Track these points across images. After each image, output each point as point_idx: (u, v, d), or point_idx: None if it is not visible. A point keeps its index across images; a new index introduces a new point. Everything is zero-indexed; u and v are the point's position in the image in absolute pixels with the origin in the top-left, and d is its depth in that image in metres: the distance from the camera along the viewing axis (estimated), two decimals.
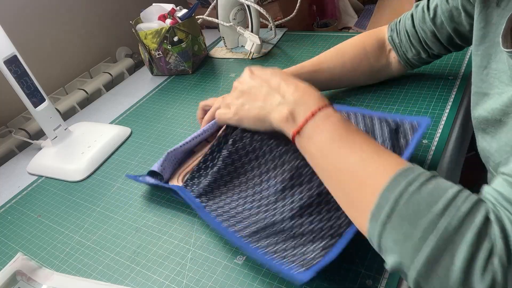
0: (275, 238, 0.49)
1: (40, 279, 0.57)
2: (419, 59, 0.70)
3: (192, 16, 1.00)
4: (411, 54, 0.70)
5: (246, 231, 0.51)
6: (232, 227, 0.53)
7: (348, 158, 0.42)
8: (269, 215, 0.51)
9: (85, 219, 0.67)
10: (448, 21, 0.62)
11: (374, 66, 0.73)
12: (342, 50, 0.74)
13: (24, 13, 0.98)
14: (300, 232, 0.48)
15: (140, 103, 0.97)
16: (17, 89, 0.75)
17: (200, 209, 0.57)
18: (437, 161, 0.59)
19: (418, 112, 0.70)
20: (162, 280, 0.53)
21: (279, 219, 0.49)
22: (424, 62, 0.72)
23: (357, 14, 1.47)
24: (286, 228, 0.48)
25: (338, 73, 0.73)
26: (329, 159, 0.43)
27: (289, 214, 0.49)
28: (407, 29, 0.68)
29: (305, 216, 0.48)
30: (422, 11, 0.66)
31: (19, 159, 0.89)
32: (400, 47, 0.70)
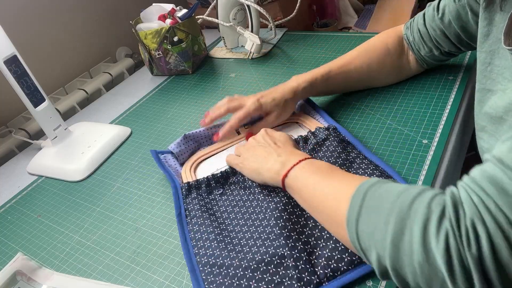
0: (225, 280, 0.48)
1: (40, 279, 0.57)
2: (431, 56, 0.72)
3: (192, 16, 1.00)
4: (423, 52, 0.72)
5: (204, 258, 0.52)
6: (196, 249, 0.54)
7: (326, 184, 0.48)
8: (233, 256, 0.51)
9: (85, 219, 0.67)
10: (456, 20, 0.63)
11: (397, 64, 0.75)
12: (367, 50, 0.74)
13: (24, 13, 0.98)
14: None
15: (140, 103, 0.97)
16: (17, 89, 0.75)
17: (181, 218, 0.59)
18: (437, 161, 0.59)
19: (418, 112, 0.70)
20: (162, 280, 0.53)
21: (238, 264, 0.49)
22: (438, 60, 0.73)
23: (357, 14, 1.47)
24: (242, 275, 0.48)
25: (366, 73, 0.74)
26: (311, 189, 0.49)
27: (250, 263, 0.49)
28: (419, 27, 0.70)
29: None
30: (432, 10, 0.67)
31: (19, 159, 0.89)
32: (414, 45, 0.72)
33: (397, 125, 0.69)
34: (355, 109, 0.74)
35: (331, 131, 0.64)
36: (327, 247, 0.48)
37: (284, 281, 0.46)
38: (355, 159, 0.59)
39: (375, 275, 0.47)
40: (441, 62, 0.75)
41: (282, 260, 0.48)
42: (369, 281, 0.47)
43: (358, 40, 0.98)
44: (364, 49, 0.75)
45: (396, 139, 0.66)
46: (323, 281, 0.46)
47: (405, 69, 0.76)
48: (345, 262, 0.46)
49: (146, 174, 0.73)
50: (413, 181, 0.57)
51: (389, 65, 0.74)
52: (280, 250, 0.48)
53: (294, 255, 0.47)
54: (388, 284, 0.46)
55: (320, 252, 0.48)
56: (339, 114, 0.74)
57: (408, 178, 0.58)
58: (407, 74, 0.77)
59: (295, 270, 0.46)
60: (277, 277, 0.47)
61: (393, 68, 0.75)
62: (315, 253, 0.48)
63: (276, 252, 0.48)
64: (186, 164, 0.70)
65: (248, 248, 0.51)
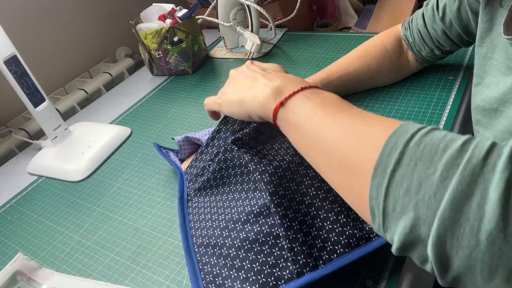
0: (218, 260, 0.48)
1: (40, 279, 0.57)
2: (433, 55, 0.72)
3: (192, 16, 1.00)
4: (425, 52, 0.72)
5: (199, 239, 0.52)
6: (194, 230, 0.54)
7: (342, 121, 0.36)
8: (225, 235, 0.50)
9: (85, 219, 0.67)
10: (457, 20, 0.63)
11: (396, 64, 0.75)
12: (365, 52, 0.74)
13: (24, 13, 0.98)
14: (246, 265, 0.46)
15: (140, 103, 0.97)
16: (17, 89, 0.75)
17: (183, 201, 0.59)
18: None
19: (418, 112, 0.70)
20: (162, 280, 0.53)
21: (231, 244, 0.48)
22: (439, 58, 0.74)
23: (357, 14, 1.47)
24: (233, 256, 0.47)
25: (365, 74, 0.74)
26: (318, 125, 0.37)
27: (241, 243, 0.48)
28: (419, 28, 0.70)
29: (253, 251, 0.47)
30: (432, 10, 0.67)
31: (19, 159, 0.89)
32: (414, 46, 0.72)
33: None
34: None
35: None
36: (323, 228, 0.46)
37: (279, 262, 0.44)
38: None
39: (375, 275, 0.47)
40: (442, 59, 0.76)
41: (277, 240, 0.46)
42: (369, 281, 0.47)
43: (358, 40, 0.98)
44: (363, 51, 0.75)
45: None
46: (319, 263, 0.44)
47: (404, 68, 0.76)
48: (342, 245, 0.44)
49: (146, 174, 0.73)
50: None
51: (388, 65, 0.74)
52: (275, 230, 0.46)
53: (290, 236, 0.45)
54: (388, 285, 0.46)
55: (316, 232, 0.46)
56: None
57: None
58: (406, 72, 0.77)
59: (290, 252, 0.44)
60: (271, 258, 0.45)
61: (393, 68, 0.75)
62: (311, 234, 0.46)
63: (271, 231, 0.46)
64: (186, 162, 0.70)
65: (241, 225, 0.49)
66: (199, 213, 0.56)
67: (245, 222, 0.49)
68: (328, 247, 0.45)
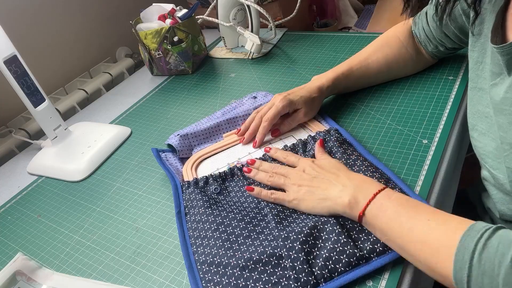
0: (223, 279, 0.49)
1: (40, 279, 0.57)
2: (438, 51, 0.73)
3: (192, 16, 1.00)
4: (430, 48, 0.73)
5: (202, 257, 0.52)
6: (195, 247, 0.54)
7: (416, 228, 0.44)
8: (231, 253, 0.51)
9: (85, 219, 0.67)
10: (451, 22, 0.65)
11: (413, 56, 0.76)
12: (382, 44, 0.76)
13: (24, 13, 0.98)
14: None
15: (140, 103, 0.97)
16: (17, 89, 0.75)
17: (181, 216, 0.60)
18: (437, 161, 0.59)
19: (418, 112, 0.70)
20: (162, 280, 0.53)
21: (235, 264, 0.49)
22: (446, 53, 0.75)
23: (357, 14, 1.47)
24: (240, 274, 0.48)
25: (384, 65, 0.75)
26: (398, 233, 0.45)
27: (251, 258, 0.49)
28: (423, 25, 0.72)
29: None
30: (432, 10, 0.68)
31: (19, 159, 0.89)
32: (421, 42, 0.74)
33: (397, 125, 0.69)
34: (355, 109, 0.74)
35: (332, 133, 0.65)
36: (325, 248, 0.48)
37: (282, 281, 0.46)
38: (355, 162, 0.59)
39: (375, 275, 0.47)
40: (451, 54, 0.77)
41: (279, 260, 0.48)
42: (369, 281, 0.47)
43: (358, 40, 0.98)
44: (379, 43, 0.76)
45: (396, 139, 0.66)
46: (320, 281, 0.46)
47: (421, 60, 0.77)
48: (342, 263, 0.46)
49: (146, 174, 0.73)
50: (413, 181, 0.57)
51: (405, 57, 0.75)
52: (278, 251, 0.48)
53: (292, 256, 0.47)
54: (388, 285, 0.46)
55: (318, 252, 0.48)
56: (339, 114, 0.74)
57: (408, 178, 0.58)
58: (424, 64, 0.78)
59: (292, 271, 0.46)
60: (274, 277, 0.47)
61: (409, 59, 0.76)
62: (313, 253, 0.48)
63: (274, 252, 0.48)
64: (188, 162, 0.70)
65: (245, 247, 0.51)
66: (199, 229, 0.56)
67: (250, 245, 0.51)
68: (330, 265, 0.46)
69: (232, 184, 0.63)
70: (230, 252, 0.51)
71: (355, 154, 0.60)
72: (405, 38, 0.75)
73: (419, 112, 0.70)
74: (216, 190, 0.61)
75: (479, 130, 0.54)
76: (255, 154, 0.69)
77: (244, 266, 0.48)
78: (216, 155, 0.72)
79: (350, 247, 0.47)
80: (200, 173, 0.68)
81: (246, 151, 0.71)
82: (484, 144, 0.54)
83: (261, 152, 0.69)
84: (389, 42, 0.76)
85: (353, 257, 0.46)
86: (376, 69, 0.75)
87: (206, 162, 0.71)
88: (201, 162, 0.71)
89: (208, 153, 0.72)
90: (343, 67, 0.74)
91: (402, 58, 0.75)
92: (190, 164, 0.69)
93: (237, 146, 0.72)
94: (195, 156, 0.71)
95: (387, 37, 0.77)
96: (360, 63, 0.75)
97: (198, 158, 0.71)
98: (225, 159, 0.70)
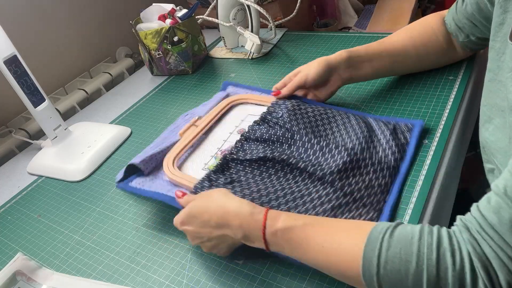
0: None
1: (40, 279, 0.57)
2: (469, 41, 0.70)
3: (192, 16, 1.00)
4: (461, 37, 0.70)
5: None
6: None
7: (316, 259, 0.45)
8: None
9: (85, 219, 0.67)
10: (477, 11, 0.63)
11: (444, 45, 0.73)
12: (410, 28, 0.75)
13: (24, 13, 0.98)
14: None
15: (140, 103, 0.97)
16: (17, 89, 0.75)
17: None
18: (437, 161, 0.59)
19: (418, 112, 0.70)
20: (162, 280, 0.53)
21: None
22: (478, 45, 0.71)
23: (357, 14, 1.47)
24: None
25: (411, 45, 0.73)
26: (304, 259, 0.46)
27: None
28: (453, 15, 0.70)
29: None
30: (460, 0, 0.67)
31: (19, 159, 0.89)
32: (452, 32, 0.71)
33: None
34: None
35: (292, 100, 0.70)
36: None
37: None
38: (335, 116, 0.64)
39: None
40: (484, 46, 0.72)
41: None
42: None
43: (358, 40, 0.98)
44: (406, 26, 0.75)
45: None
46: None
47: (452, 52, 0.75)
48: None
49: None
50: (413, 181, 0.57)
51: (435, 44, 0.73)
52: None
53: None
54: None
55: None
56: None
57: (408, 178, 0.58)
58: (455, 57, 0.76)
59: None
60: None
61: (440, 48, 0.73)
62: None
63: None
64: (167, 161, 0.65)
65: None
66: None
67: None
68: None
69: (238, 169, 0.61)
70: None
71: (331, 111, 0.67)
72: (436, 25, 0.73)
73: (419, 112, 0.70)
74: (226, 180, 0.59)
75: (495, 123, 0.52)
76: (231, 138, 0.70)
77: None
78: (192, 156, 0.69)
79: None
80: (189, 172, 0.65)
81: (220, 139, 0.70)
82: (497, 138, 0.52)
83: (235, 137, 0.70)
84: (418, 26, 0.74)
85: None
86: (401, 48, 0.73)
87: (189, 162, 0.67)
88: (180, 164, 0.67)
89: (179, 152, 0.67)
90: (371, 49, 0.73)
91: (432, 44, 0.73)
92: (171, 166, 0.65)
93: (207, 139, 0.71)
94: (169, 158, 0.66)
95: (418, 22, 0.75)
96: (381, 42, 0.73)
97: (174, 158, 0.66)
98: (206, 153, 0.68)
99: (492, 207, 0.37)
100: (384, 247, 0.39)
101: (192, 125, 0.72)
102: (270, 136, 0.65)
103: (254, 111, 0.75)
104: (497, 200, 0.37)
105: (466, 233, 0.38)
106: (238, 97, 0.79)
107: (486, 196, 0.39)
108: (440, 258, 0.37)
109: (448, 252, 0.37)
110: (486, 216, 0.37)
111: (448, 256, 0.37)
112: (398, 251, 0.39)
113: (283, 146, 0.63)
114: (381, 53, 0.72)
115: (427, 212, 0.54)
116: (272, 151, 0.61)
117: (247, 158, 0.62)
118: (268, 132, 0.66)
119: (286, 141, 0.63)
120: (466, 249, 0.37)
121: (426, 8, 1.61)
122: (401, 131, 0.63)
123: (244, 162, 0.62)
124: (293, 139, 0.63)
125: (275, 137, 0.64)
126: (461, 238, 0.38)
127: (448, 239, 0.38)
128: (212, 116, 0.74)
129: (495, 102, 0.52)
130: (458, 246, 0.37)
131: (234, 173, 0.62)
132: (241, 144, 0.65)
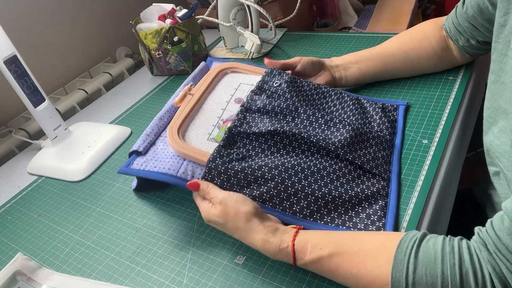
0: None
1: (40, 279, 0.57)
2: (470, 45, 0.70)
3: (192, 16, 1.00)
4: (462, 42, 0.70)
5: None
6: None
7: (345, 281, 0.47)
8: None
9: (85, 219, 0.67)
10: (478, 14, 0.62)
11: (437, 50, 0.73)
12: (402, 34, 0.77)
13: (24, 13, 0.98)
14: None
15: (140, 103, 0.97)
16: (17, 89, 0.75)
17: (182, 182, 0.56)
18: (437, 161, 0.59)
19: (418, 112, 0.70)
20: (162, 280, 0.53)
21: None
22: (479, 50, 0.71)
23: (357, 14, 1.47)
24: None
25: (399, 53, 0.75)
26: (334, 281, 0.48)
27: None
28: (452, 19, 0.70)
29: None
30: (461, 2, 0.67)
31: (19, 159, 0.89)
32: (452, 36, 0.71)
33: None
34: None
35: (287, 71, 0.73)
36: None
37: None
38: (329, 91, 0.68)
39: None
40: (485, 51, 0.71)
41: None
42: None
43: (358, 40, 0.98)
44: (399, 34, 0.78)
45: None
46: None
47: (448, 58, 0.75)
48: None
49: None
50: (413, 181, 0.57)
51: (428, 48, 0.73)
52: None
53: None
54: None
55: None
56: None
57: (408, 178, 0.58)
58: (452, 62, 0.76)
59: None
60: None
61: (432, 52, 0.74)
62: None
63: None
64: (171, 131, 0.63)
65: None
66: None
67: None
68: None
69: (245, 142, 0.60)
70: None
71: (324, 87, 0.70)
72: (429, 30, 0.73)
73: (419, 112, 0.70)
74: (238, 156, 0.58)
75: (500, 126, 0.52)
76: (229, 107, 0.68)
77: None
78: (192, 126, 0.65)
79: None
80: (192, 142, 0.62)
81: (218, 108, 0.68)
82: (502, 142, 0.52)
83: (233, 106, 0.68)
84: (409, 31, 0.75)
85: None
86: (391, 52, 0.75)
87: (189, 134, 0.64)
88: (184, 133, 0.64)
89: (183, 122, 0.65)
90: (367, 56, 0.76)
91: (423, 48, 0.73)
92: (177, 137, 0.62)
93: (202, 108, 0.68)
94: (173, 128, 0.63)
95: (412, 27, 0.76)
96: (372, 47, 0.77)
97: (179, 128, 0.63)
98: (207, 122, 0.65)
99: (506, 229, 0.38)
100: (411, 270, 0.41)
101: (187, 94, 0.69)
102: (273, 107, 0.64)
103: (246, 80, 0.74)
104: (510, 223, 0.38)
105: (485, 252, 0.39)
106: (228, 65, 0.77)
107: (500, 214, 0.40)
108: (463, 280, 0.39)
109: (470, 272, 0.39)
110: (500, 237, 0.39)
111: (471, 277, 0.39)
112: (423, 273, 0.40)
113: (287, 118, 0.63)
114: (371, 56, 0.75)
115: (427, 212, 0.54)
116: (280, 125, 0.61)
117: (254, 131, 0.61)
118: (271, 103, 0.65)
119: (290, 113, 0.64)
120: (487, 269, 0.38)
121: (426, 8, 1.61)
122: (388, 110, 0.69)
123: (251, 135, 0.61)
124: (297, 112, 0.64)
125: (279, 109, 0.64)
126: (481, 257, 0.39)
127: (469, 257, 0.39)
128: (206, 83, 0.72)
129: (499, 105, 0.52)
130: (480, 266, 0.39)
131: (241, 146, 0.60)
132: (243, 115, 0.64)
